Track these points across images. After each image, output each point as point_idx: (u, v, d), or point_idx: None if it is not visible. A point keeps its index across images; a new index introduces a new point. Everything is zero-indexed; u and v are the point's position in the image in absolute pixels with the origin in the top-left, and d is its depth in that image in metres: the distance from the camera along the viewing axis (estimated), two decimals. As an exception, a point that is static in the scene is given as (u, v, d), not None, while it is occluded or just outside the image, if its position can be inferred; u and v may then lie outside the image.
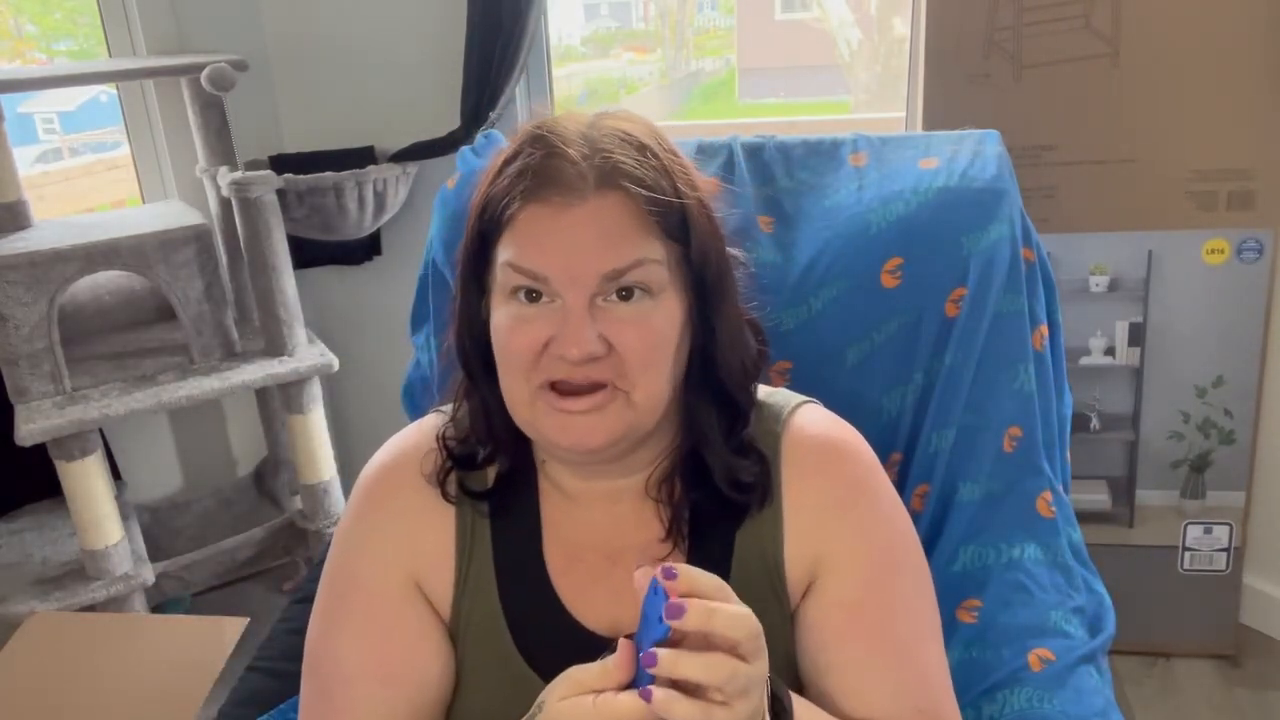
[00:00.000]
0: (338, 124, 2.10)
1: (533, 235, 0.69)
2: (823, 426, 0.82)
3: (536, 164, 0.69)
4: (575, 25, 3.16)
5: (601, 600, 0.77)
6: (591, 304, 0.69)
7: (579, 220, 0.68)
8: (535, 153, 0.70)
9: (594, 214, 0.68)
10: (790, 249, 1.12)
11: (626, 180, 0.69)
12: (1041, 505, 1.07)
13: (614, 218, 0.69)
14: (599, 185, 0.69)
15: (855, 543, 0.77)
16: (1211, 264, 1.73)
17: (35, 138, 2.87)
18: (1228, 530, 1.83)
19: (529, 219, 0.69)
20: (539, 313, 0.70)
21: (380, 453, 0.84)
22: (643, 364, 0.70)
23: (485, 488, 0.80)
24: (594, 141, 0.70)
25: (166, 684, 1.16)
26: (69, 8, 2.34)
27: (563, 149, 0.69)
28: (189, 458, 2.27)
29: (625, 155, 0.70)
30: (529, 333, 0.70)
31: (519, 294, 0.70)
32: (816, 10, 3.33)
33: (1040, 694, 0.92)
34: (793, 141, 1.20)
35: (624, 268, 0.68)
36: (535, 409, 0.71)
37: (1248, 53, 1.63)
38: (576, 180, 0.68)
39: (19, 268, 1.65)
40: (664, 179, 0.70)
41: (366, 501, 0.82)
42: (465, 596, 0.78)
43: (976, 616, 1.00)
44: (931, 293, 1.07)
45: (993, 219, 1.07)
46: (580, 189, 0.68)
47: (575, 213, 0.68)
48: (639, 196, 0.69)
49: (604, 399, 0.70)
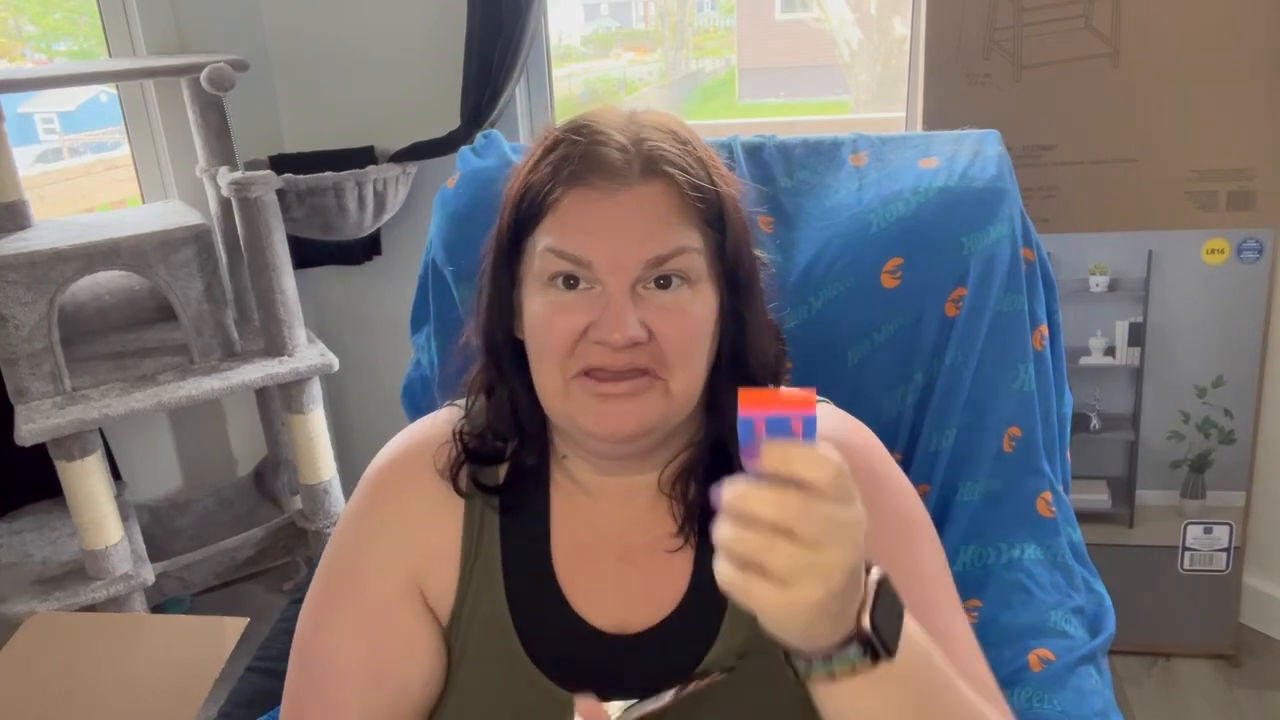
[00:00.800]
0: (338, 124, 2.10)
1: (577, 220, 0.69)
2: (836, 424, 0.82)
3: (581, 151, 0.70)
4: (575, 25, 3.16)
5: (610, 598, 0.77)
6: (632, 291, 0.69)
7: (624, 206, 0.69)
8: (579, 140, 0.71)
9: (639, 200, 0.69)
10: (790, 249, 1.12)
11: (671, 168, 0.70)
12: (1041, 505, 1.07)
13: (658, 205, 0.69)
14: (644, 172, 0.69)
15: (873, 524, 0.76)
16: (1211, 264, 1.73)
17: (35, 138, 2.86)
18: (1228, 530, 1.83)
19: (573, 204, 0.70)
20: (577, 300, 0.70)
21: (392, 445, 0.84)
22: (681, 353, 0.71)
23: (497, 483, 0.79)
24: (636, 131, 0.71)
25: (166, 684, 1.16)
26: (69, 8, 2.34)
27: (607, 135, 0.70)
28: (189, 458, 2.27)
29: (668, 145, 0.71)
30: (568, 319, 0.70)
31: (557, 280, 0.70)
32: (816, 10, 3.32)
33: (1040, 694, 0.92)
34: (793, 141, 1.20)
35: (667, 254, 0.69)
36: (570, 397, 0.71)
37: (1248, 53, 1.63)
38: (623, 166, 0.69)
39: (19, 268, 1.65)
40: (703, 170, 0.72)
41: (375, 494, 0.81)
42: (469, 593, 0.78)
43: (976, 616, 1.00)
44: (931, 293, 1.07)
45: (993, 219, 1.07)
46: (626, 175, 0.69)
47: (621, 198, 0.69)
48: (682, 184, 0.70)
49: (643, 385, 0.70)
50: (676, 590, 0.76)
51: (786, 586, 0.50)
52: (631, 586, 0.76)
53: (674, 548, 0.77)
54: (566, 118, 0.75)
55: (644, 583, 0.76)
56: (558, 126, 0.74)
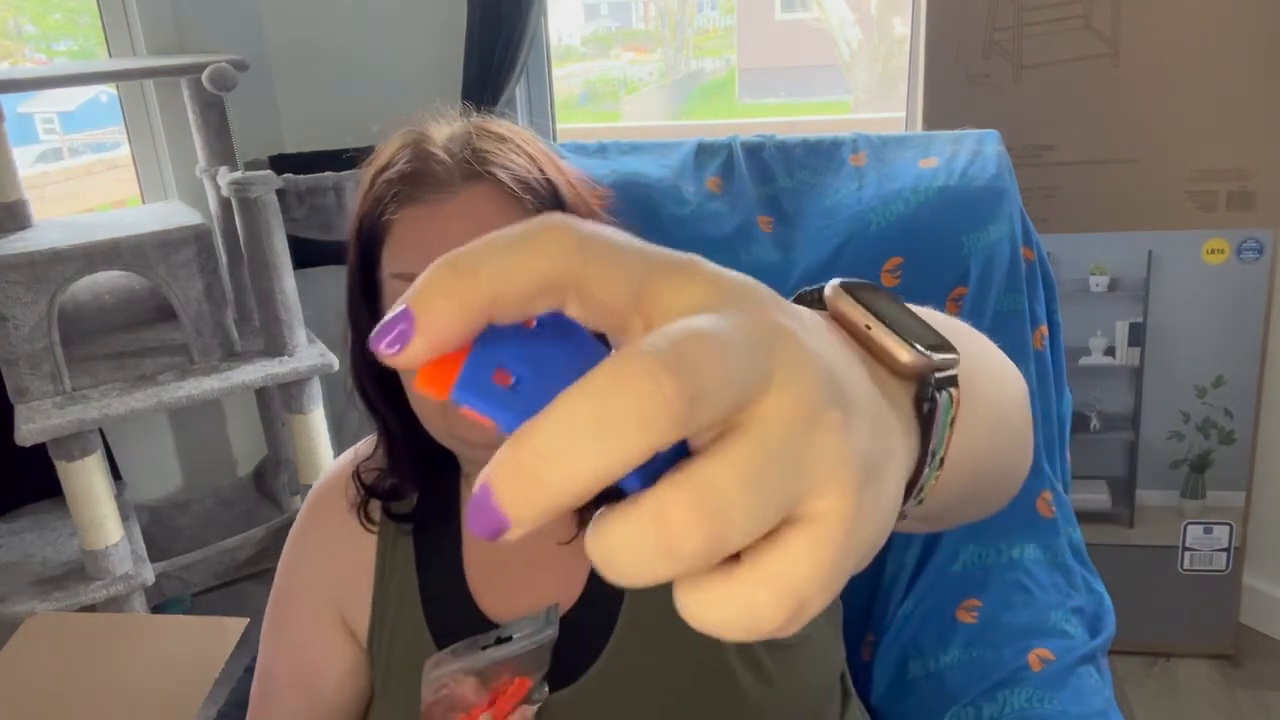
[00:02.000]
0: (338, 124, 2.10)
1: (413, 238, 0.70)
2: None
3: (407, 169, 0.71)
4: (575, 25, 3.16)
5: (522, 602, 0.78)
6: None
7: (453, 213, 0.70)
8: (404, 159, 0.72)
9: (465, 206, 0.70)
10: (790, 249, 1.12)
11: (492, 167, 0.70)
12: (1041, 505, 1.07)
13: (487, 206, 0.70)
14: (466, 177, 0.70)
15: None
16: (1211, 264, 1.73)
17: (35, 138, 2.87)
18: (1228, 530, 1.83)
19: (406, 223, 0.71)
20: None
21: (322, 475, 0.88)
22: None
23: (409, 508, 0.82)
24: (462, 141, 0.72)
25: (166, 684, 1.16)
26: (69, 8, 2.34)
27: (429, 150, 0.71)
28: (189, 458, 2.27)
29: (487, 144, 0.72)
30: None
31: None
32: (816, 10, 3.32)
33: (1040, 694, 0.92)
34: (793, 141, 1.20)
35: None
36: (448, 417, 0.72)
37: (1248, 53, 1.63)
38: (445, 176, 0.70)
39: (19, 268, 1.65)
40: (531, 165, 0.72)
41: (304, 520, 0.87)
42: (386, 615, 0.81)
43: (976, 616, 1.00)
44: (931, 292, 1.07)
45: (992, 218, 1.07)
46: (449, 184, 0.70)
47: (449, 207, 0.70)
48: (507, 181, 0.70)
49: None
50: (580, 583, 0.77)
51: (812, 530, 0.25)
52: (543, 588, 0.78)
53: (570, 537, 0.78)
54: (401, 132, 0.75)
55: (554, 581, 0.78)
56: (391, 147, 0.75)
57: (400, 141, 0.74)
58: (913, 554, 1.06)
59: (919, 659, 1.01)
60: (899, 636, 1.03)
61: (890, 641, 1.04)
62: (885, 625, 1.06)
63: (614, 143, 1.21)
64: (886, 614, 1.06)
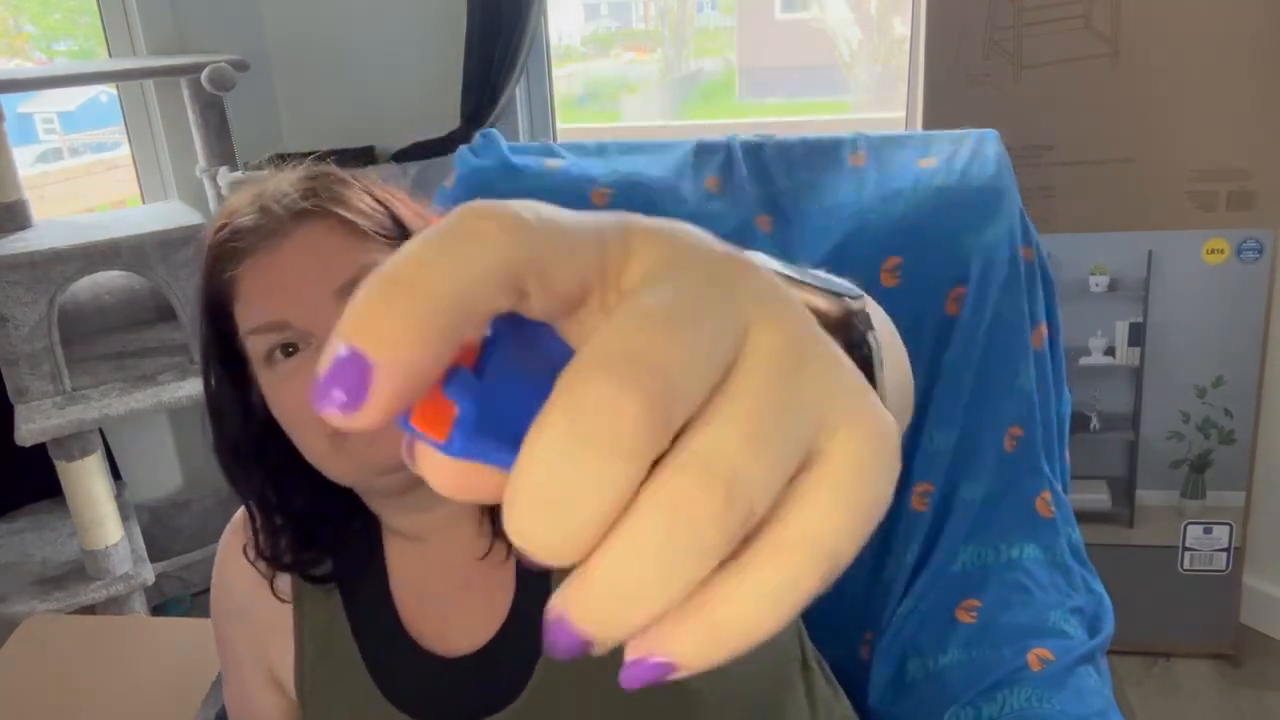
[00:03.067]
0: (338, 124, 2.10)
1: (261, 286, 0.68)
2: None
3: (241, 223, 0.70)
4: (575, 25, 3.17)
5: (458, 628, 0.77)
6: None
7: (289, 252, 0.68)
8: (240, 216, 0.70)
9: (302, 242, 0.68)
10: (790, 248, 1.12)
11: (320, 202, 0.69)
12: (1041, 505, 1.07)
13: (327, 239, 0.69)
14: (296, 217, 0.69)
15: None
16: (1211, 264, 1.73)
17: (35, 138, 2.87)
18: (1228, 530, 1.82)
19: (249, 276, 0.69)
20: (303, 362, 0.68)
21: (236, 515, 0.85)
22: None
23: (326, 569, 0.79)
24: (295, 187, 0.71)
25: (164, 686, 1.16)
26: (69, 8, 2.34)
27: (263, 203, 0.70)
28: (189, 458, 2.27)
29: (321, 187, 0.71)
30: (302, 382, 0.68)
31: (275, 355, 0.68)
32: (816, 10, 3.32)
33: (1040, 694, 0.92)
34: (792, 141, 1.20)
35: (352, 278, 0.67)
36: (341, 451, 0.69)
37: (1248, 53, 1.63)
38: (274, 224, 0.69)
39: (19, 268, 1.65)
40: (368, 199, 0.71)
41: (219, 567, 0.86)
42: (309, 657, 0.79)
43: (976, 616, 1.00)
44: (931, 292, 1.07)
45: (992, 218, 1.07)
46: (278, 230, 0.69)
47: (284, 248, 0.68)
48: (339, 213, 0.69)
49: None
50: (506, 602, 0.76)
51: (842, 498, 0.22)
52: (474, 607, 0.77)
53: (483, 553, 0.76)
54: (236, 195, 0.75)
55: (480, 600, 0.77)
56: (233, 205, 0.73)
57: (234, 201, 0.72)
58: (912, 554, 1.06)
59: (918, 659, 1.01)
60: (898, 636, 1.03)
61: (889, 641, 1.04)
62: (884, 625, 1.06)
63: (614, 143, 1.21)
64: (885, 614, 1.06)
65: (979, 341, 1.07)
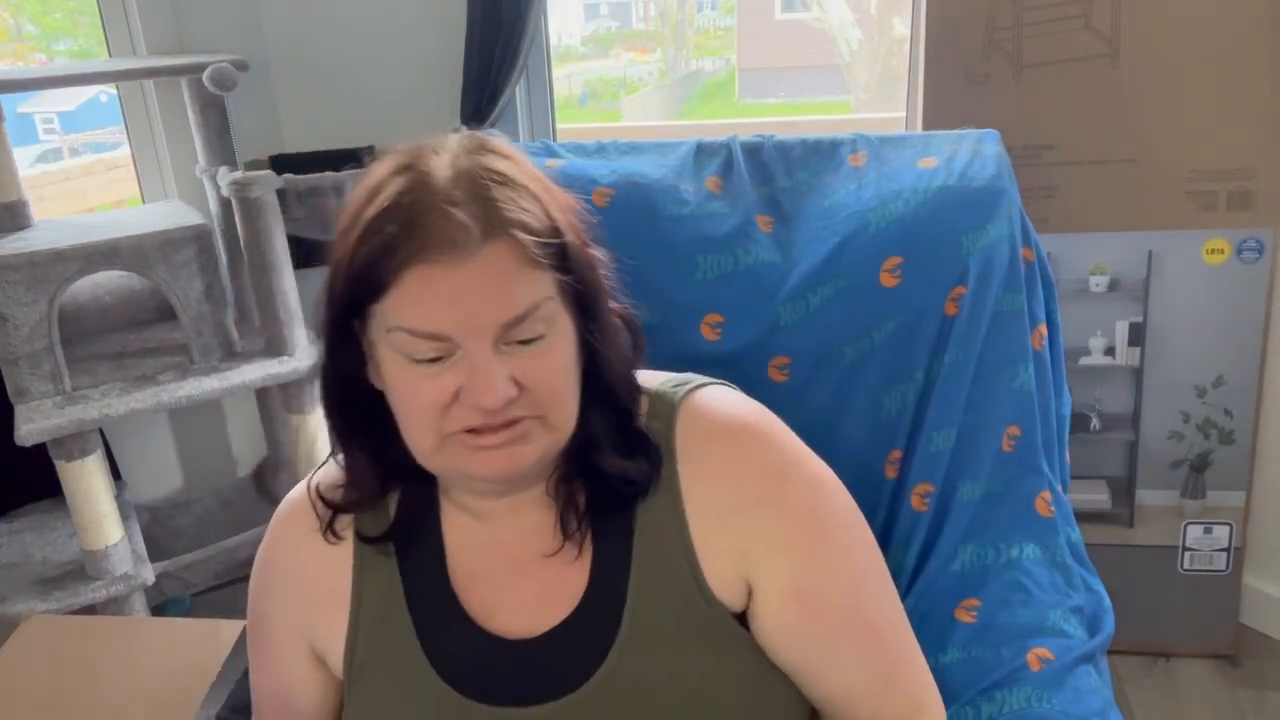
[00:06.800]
0: (338, 124, 2.10)
1: (424, 295, 0.67)
2: (721, 409, 0.81)
3: (416, 219, 0.66)
4: (575, 25, 3.17)
5: (511, 607, 0.78)
6: (495, 349, 0.68)
7: (470, 274, 0.66)
8: (408, 202, 0.67)
9: (484, 266, 0.66)
10: (790, 248, 1.12)
11: (513, 228, 0.67)
12: (1040, 505, 1.07)
13: (505, 265, 0.67)
14: (485, 236, 0.66)
15: (780, 529, 0.77)
16: (1211, 264, 1.73)
17: (35, 138, 2.87)
18: (1228, 530, 1.83)
19: (417, 281, 0.66)
20: (441, 367, 0.68)
21: (293, 491, 0.87)
22: (553, 395, 0.71)
23: (386, 522, 0.81)
24: (471, 187, 0.68)
25: (163, 687, 1.16)
26: (69, 8, 2.34)
27: (441, 203, 0.67)
28: (189, 458, 2.27)
29: (503, 197, 0.68)
30: (435, 387, 0.68)
31: (418, 354, 0.68)
32: (816, 10, 3.32)
33: (1039, 693, 0.92)
34: (792, 141, 1.20)
35: (523, 314, 0.68)
36: (447, 453, 0.71)
37: (1248, 53, 1.63)
38: (461, 235, 0.66)
39: (19, 268, 1.65)
40: (542, 214, 0.70)
41: (269, 546, 0.86)
42: (363, 632, 0.80)
43: (975, 616, 1.00)
44: (931, 292, 1.07)
45: (992, 218, 1.07)
46: (467, 244, 0.66)
47: (466, 269, 0.66)
48: (526, 243, 0.68)
49: (522, 429, 0.70)
50: (575, 590, 0.76)
51: None
52: (529, 594, 0.77)
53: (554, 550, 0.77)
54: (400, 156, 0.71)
55: (543, 588, 0.77)
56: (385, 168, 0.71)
57: (398, 183, 0.69)
58: (912, 554, 1.06)
59: (918, 659, 1.00)
60: (898, 636, 1.03)
61: (889, 641, 1.04)
62: (884, 625, 1.06)
63: (613, 143, 1.21)
64: (886, 614, 1.06)
65: (978, 342, 1.07)
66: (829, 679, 0.78)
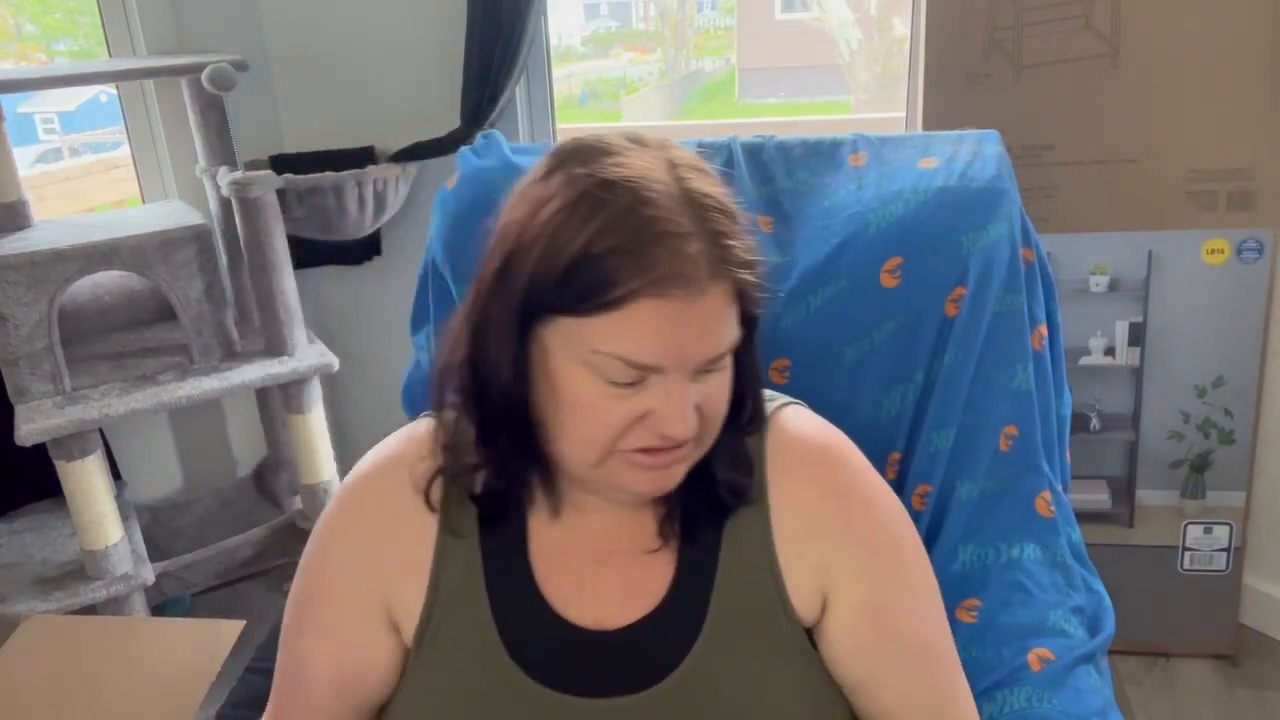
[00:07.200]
0: (338, 124, 2.10)
1: (653, 329, 0.65)
2: (807, 430, 0.83)
3: (646, 244, 0.64)
4: (575, 25, 3.17)
5: (592, 599, 0.78)
6: (691, 379, 0.69)
7: (698, 314, 0.66)
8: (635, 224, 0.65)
9: (710, 306, 0.67)
10: (790, 248, 1.12)
11: (737, 268, 0.68)
12: (1041, 505, 1.07)
13: (723, 305, 0.68)
14: (712, 275, 0.66)
15: (860, 550, 0.79)
16: (1211, 264, 1.73)
17: (35, 138, 2.87)
18: (1228, 530, 1.83)
19: (650, 315, 0.65)
20: (636, 392, 0.68)
21: (368, 458, 0.84)
22: (719, 422, 0.73)
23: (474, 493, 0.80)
24: (695, 213, 0.66)
25: (163, 686, 1.16)
26: (69, 8, 2.34)
27: (672, 230, 0.65)
28: (189, 458, 2.27)
29: (727, 230, 0.68)
30: (626, 409, 0.68)
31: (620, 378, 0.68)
32: (816, 10, 3.33)
33: (1039, 693, 0.92)
34: (792, 141, 1.20)
35: (724, 351, 0.70)
36: (609, 467, 0.71)
37: (1248, 53, 1.63)
38: (692, 270, 0.65)
39: (19, 268, 1.65)
40: (749, 250, 0.70)
41: (348, 508, 0.83)
42: (440, 603, 0.79)
43: (976, 616, 1.00)
44: (931, 292, 1.07)
45: (992, 219, 1.07)
46: (698, 281, 0.65)
47: (697, 308, 0.66)
48: (746, 287, 0.69)
49: (686, 451, 0.72)
50: (658, 589, 0.77)
51: None
52: (613, 587, 0.78)
53: (654, 548, 0.78)
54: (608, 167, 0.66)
55: (625, 583, 0.78)
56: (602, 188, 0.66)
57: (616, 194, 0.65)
58: (912, 554, 1.06)
59: (918, 659, 1.00)
60: (898, 636, 1.03)
61: (890, 641, 1.04)
62: (885, 625, 1.06)
63: (613, 143, 1.21)
64: (886, 614, 1.06)
65: (978, 342, 1.07)
66: (888, 696, 0.79)
